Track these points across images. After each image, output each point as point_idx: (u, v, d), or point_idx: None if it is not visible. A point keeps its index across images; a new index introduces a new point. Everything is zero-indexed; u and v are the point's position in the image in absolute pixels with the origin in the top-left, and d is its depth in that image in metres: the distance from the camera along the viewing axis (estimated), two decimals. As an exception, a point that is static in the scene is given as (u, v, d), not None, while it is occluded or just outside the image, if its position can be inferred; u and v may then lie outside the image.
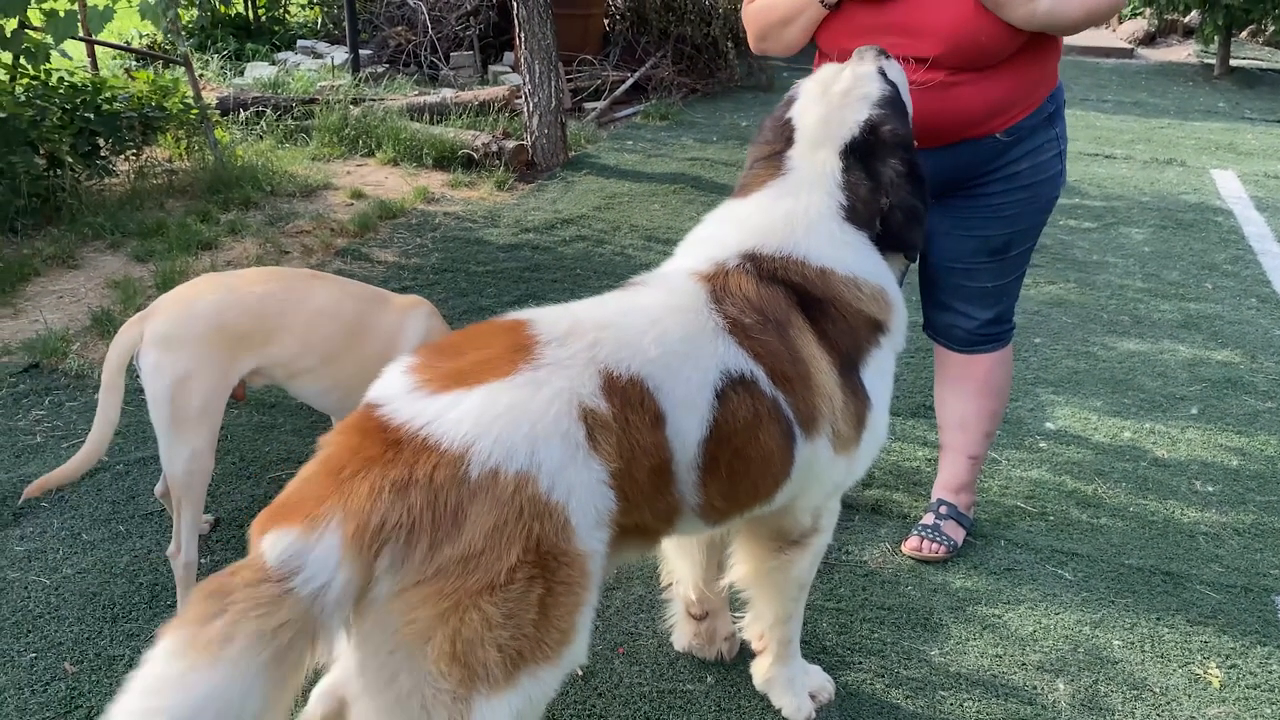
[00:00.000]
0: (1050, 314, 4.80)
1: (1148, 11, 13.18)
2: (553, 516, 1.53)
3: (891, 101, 2.11)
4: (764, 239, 2.01)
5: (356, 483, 1.44)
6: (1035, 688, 2.51)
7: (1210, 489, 3.39)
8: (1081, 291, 5.09)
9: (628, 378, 1.69)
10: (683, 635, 2.57)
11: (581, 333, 1.71)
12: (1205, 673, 2.57)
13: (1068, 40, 12.29)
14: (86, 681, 2.42)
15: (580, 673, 2.49)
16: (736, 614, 2.45)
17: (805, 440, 1.94)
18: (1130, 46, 12.92)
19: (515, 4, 6.73)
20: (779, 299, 1.93)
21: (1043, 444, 3.65)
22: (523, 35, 6.73)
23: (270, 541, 1.42)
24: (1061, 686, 2.51)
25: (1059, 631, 2.70)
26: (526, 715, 1.61)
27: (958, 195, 2.71)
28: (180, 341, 2.43)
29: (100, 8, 5.17)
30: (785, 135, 2.12)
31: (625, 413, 1.66)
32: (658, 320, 1.81)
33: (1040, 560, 2.99)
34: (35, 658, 2.49)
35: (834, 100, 2.10)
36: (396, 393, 1.58)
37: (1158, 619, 2.76)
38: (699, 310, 1.86)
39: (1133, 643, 2.67)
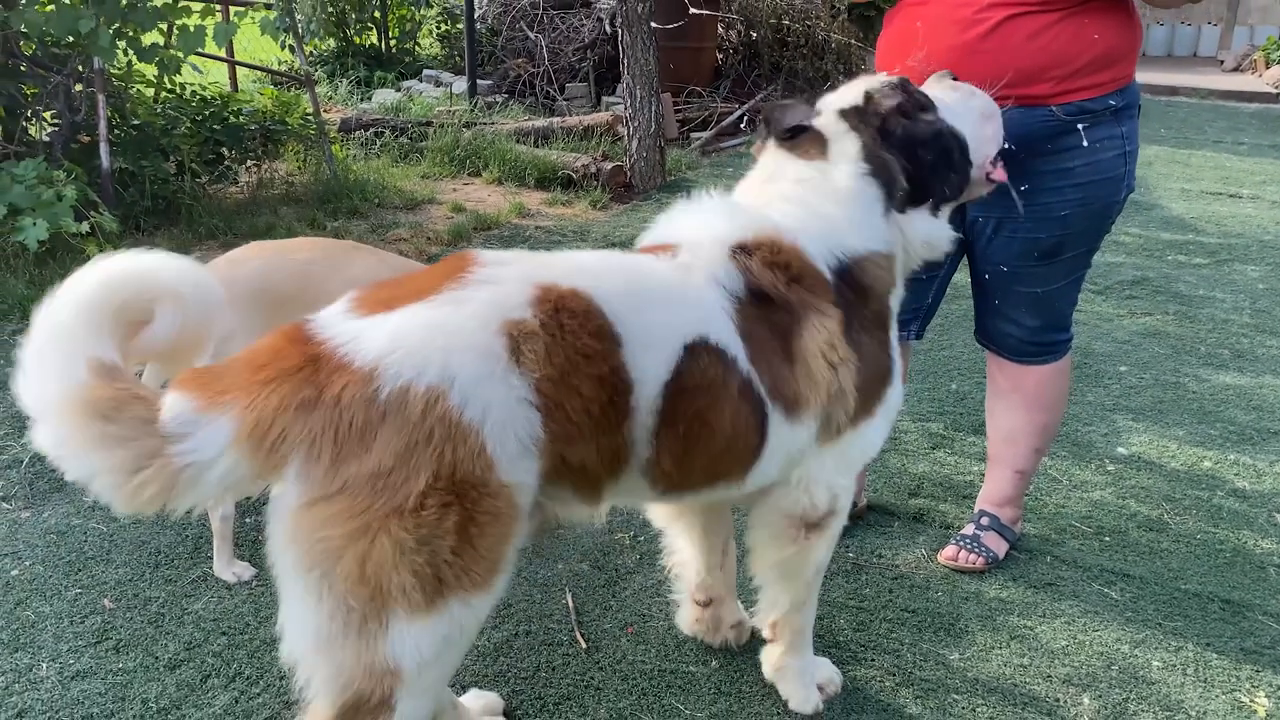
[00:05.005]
0: (1142, 344, 4.58)
1: (1298, 56, 12.55)
2: (467, 442, 1.51)
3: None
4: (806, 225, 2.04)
5: (267, 390, 1.49)
6: (1058, 700, 2.38)
7: (1292, 522, 3.17)
8: (1180, 324, 4.84)
9: (569, 289, 1.68)
10: (686, 620, 2.54)
11: (527, 259, 1.73)
12: (1251, 701, 2.39)
13: (1206, 84, 11.67)
14: (121, 617, 2.55)
15: (583, 646, 2.50)
16: (747, 597, 2.42)
17: (786, 423, 1.93)
18: (1276, 91, 12.29)
19: (620, 30, 6.90)
20: (817, 282, 1.97)
21: (1110, 467, 3.47)
22: (626, 61, 6.89)
23: (171, 400, 1.49)
24: (1087, 701, 2.38)
25: (1094, 648, 2.56)
26: (454, 640, 1.63)
27: (1008, 190, 2.62)
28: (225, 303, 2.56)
29: (221, 24, 5.55)
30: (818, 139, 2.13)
31: (559, 318, 1.63)
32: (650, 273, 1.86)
33: (1087, 578, 2.84)
34: (80, 593, 2.64)
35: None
36: (330, 314, 1.62)
37: (1207, 644, 2.58)
38: (705, 280, 1.89)
39: (1174, 665, 2.50)
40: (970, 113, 2.25)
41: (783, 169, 2.13)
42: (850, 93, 2.19)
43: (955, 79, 2.32)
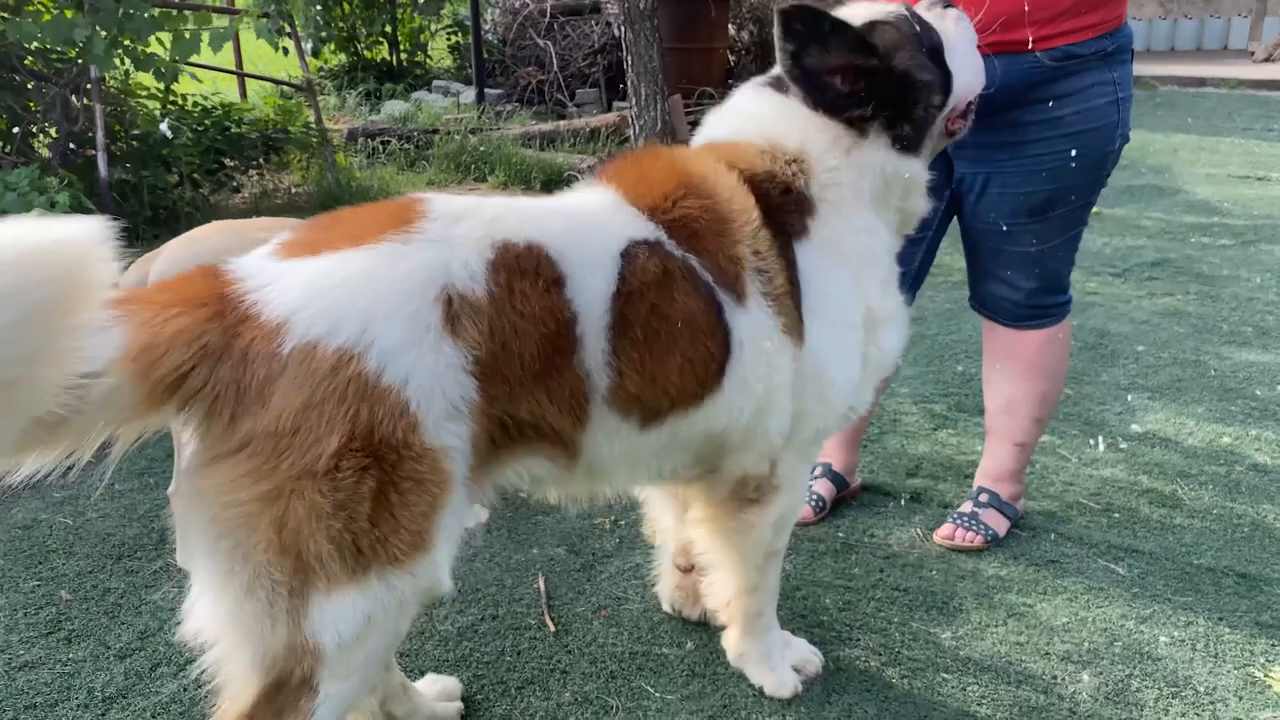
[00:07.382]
0: (1161, 323, 4.40)
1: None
2: (385, 402, 1.38)
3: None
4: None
5: (167, 314, 1.36)
6: (1055, 677, 2.22)
7: (1316, 496, 2.98)
8: (1201, 303, 4.65)
9: (524, 245, 1.56)
10: (666, 588, 2.42)
11: (481, 212, 1.60)
12: (1266, 675, 2.22)
13: (1235, 74, 11.49)
14: (77, 608, 2.47)
15: (552, 629, 2.38)
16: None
17: (736, 307, 1.75)
18: (1309, 80, 12.01)
19: (624, 28, 6.83)
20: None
21: (1123, 445, 3.30)
22: (630, 59, 6.80)
23: None
24: (1086, 678, 2.22)
25: (1096, 624, 2.40)
26: (380, 623, 1.48)
27: (995, 143, 2.48)
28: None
29: (220, 29, 5.54)
30: None
31: (511, 283, 1.51)
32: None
33: (1093, 555, 2.68)
34: (38, 585, 2.56)
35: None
36: (254, 255, 1.50)
37: (1219, 619, 2.41)
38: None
39: (1182, 640, 2.34)
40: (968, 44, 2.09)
41: None
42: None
43: (949, 4, 2.14)
